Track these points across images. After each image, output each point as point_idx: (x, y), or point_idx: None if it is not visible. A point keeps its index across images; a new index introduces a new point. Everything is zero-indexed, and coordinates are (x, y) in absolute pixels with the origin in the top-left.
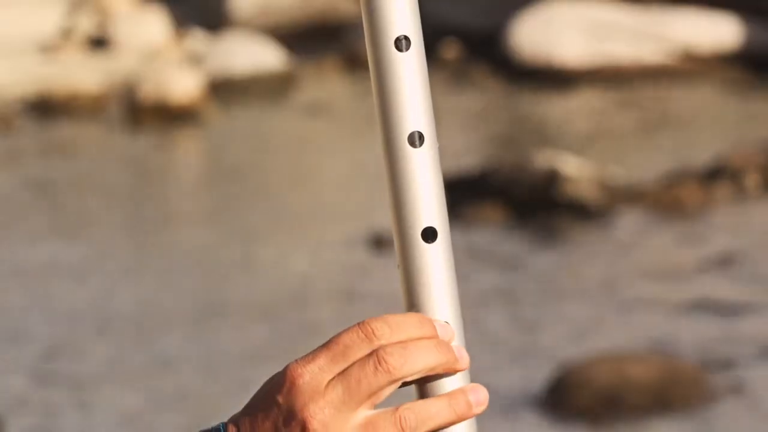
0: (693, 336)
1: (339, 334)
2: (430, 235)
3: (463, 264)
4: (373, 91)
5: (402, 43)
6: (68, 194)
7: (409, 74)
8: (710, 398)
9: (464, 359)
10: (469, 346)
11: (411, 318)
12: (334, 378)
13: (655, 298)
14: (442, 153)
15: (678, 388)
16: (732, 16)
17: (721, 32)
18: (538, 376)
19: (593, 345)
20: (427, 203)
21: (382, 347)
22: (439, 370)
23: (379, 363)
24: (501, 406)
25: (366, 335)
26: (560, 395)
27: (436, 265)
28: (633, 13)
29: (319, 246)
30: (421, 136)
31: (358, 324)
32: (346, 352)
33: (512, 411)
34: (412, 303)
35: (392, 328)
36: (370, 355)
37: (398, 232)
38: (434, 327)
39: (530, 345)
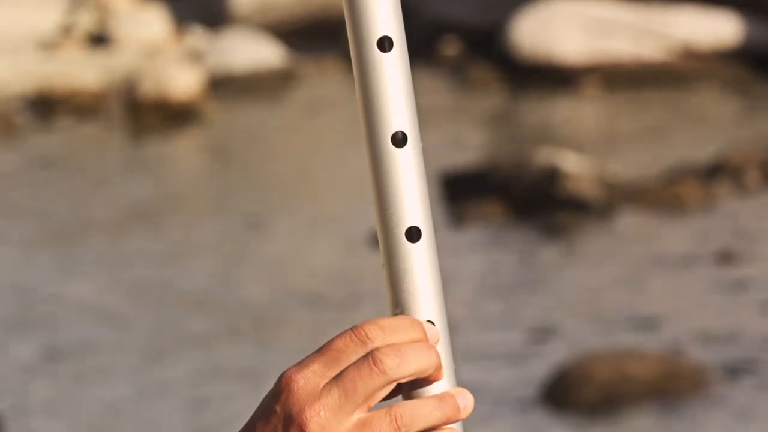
0: (694, 333)
1: (332, 340)
2: (414, 234)
3: (463, 260)
4: (356, 91)
5: (385, 43)
6: (68, 192)
7: (392, 75)
8: (710, 395)
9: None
10: (468, 343)
11: (403, 321)
12: (329, 381)
13: (656, 296)
14: (443, 150)
15: (678, 385)
16: (732, 13)
17: (721, 30)
18: (538, 372)
19: (594, 342)
20: (411, 203)
21: (376, 349)
22: (430, 372)
23: (375, 364)
24: (501, 402)
25: (360, 339)
26: (561, 391)
27: (420, 264)
28: (633, 10)
29: (319, 244)
30: (404, 136)
31: (351, 328)
32: (340, 356)
33: (512, 407)
34: (397, 302)
35: (385, 332)
36: (365, 356)
37: (382, 231)
38: (424, 330)
39: (530, 342)
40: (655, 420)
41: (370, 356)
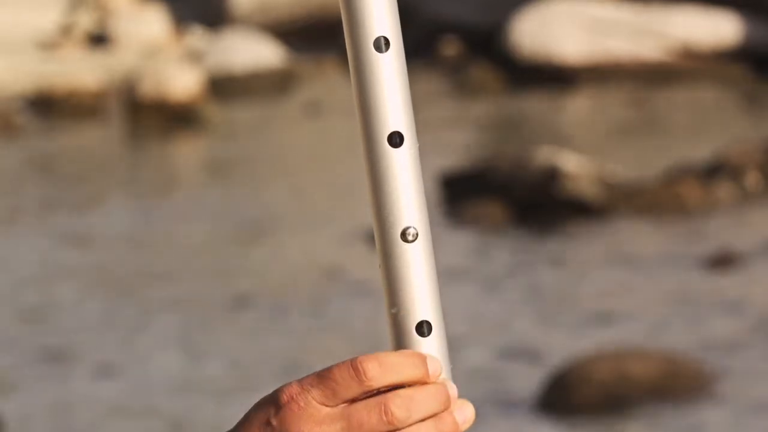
0: (693, 333)
1: (331, 369)
2: (410, 234)
3: (463, 260)
4: (353, 91)
5: (381, 43)
6: (68, 191)
7: (388, 75)
8: (710, 395)
9: (452, 389)
10: (468, 343)
11: (403, 358)
12: (335, 411)
13: (656, 295)
14: (443, 150)
15: (679, 385)
16: (731, 13)
17: (720, 29)
18: (538, 372)
19: (594, 341)
20: (408, 203)
21: (390, 398)
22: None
23: (386, 414)
24: (501, 403)
25: (357, 375)
26: (561, 392)
27: (416, 264)
28: (633, 10)
29: (319, 243)
30: (401, 136)
31: (351, 361)
32: (337, 389)
33: (512, 408)
34: (393, 303)
35: (383, 369)
36: (378, 401)
37: (379, 231)
38: (426, 366)
39: (530, 341)
40: (655, 420)
41: (383, 404)
